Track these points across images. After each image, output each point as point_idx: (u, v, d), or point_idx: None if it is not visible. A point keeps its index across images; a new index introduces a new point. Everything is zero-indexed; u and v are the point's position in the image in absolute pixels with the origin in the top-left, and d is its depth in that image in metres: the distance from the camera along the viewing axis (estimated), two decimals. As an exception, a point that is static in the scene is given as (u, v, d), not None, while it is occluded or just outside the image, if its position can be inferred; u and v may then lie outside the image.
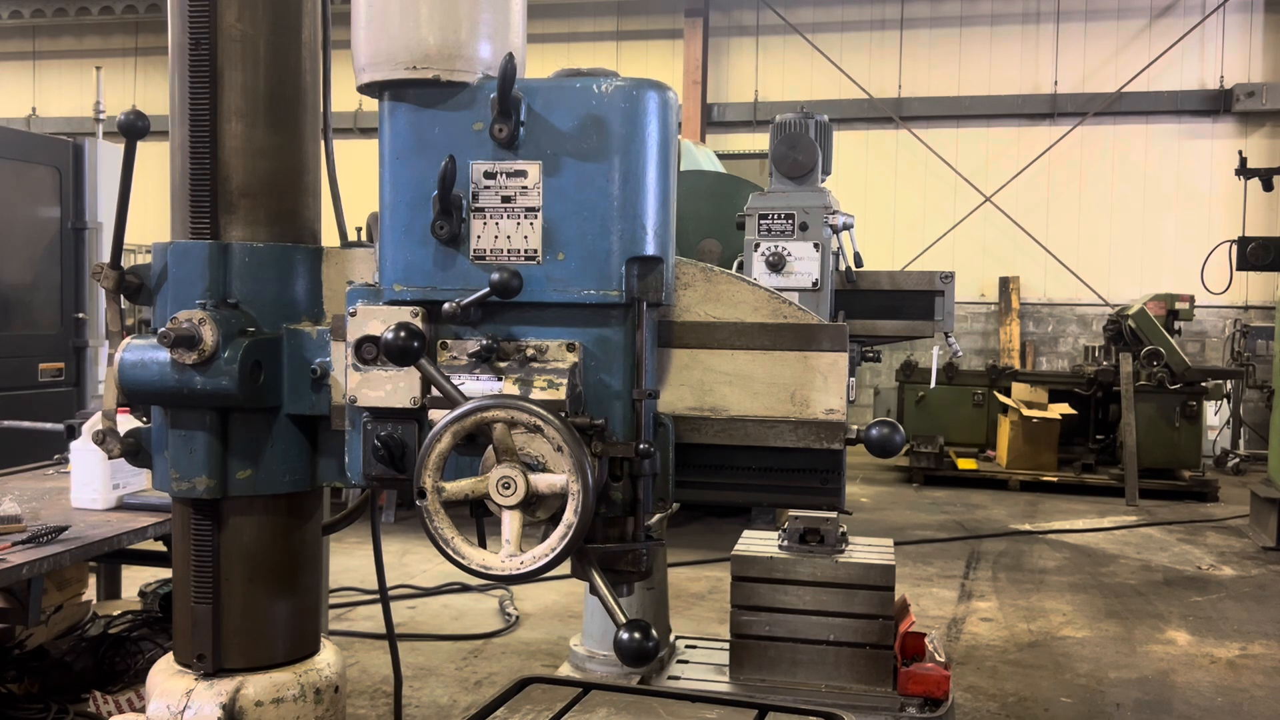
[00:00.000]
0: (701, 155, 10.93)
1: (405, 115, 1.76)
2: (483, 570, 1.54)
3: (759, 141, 14.73)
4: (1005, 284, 15.74)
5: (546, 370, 1.68)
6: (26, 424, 5.92)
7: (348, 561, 7.38)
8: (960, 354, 5.28)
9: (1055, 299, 15.71)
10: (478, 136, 1.72)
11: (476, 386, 1.66)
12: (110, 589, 5.73)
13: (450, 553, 1.55)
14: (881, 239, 15.38)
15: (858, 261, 4.95)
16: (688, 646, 5.46)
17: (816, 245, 4.77)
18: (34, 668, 4.43)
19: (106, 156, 8.16)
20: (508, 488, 1.55)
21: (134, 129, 1.93)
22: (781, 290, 4.84)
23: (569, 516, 1.51)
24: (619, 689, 2.26)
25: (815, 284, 4.79)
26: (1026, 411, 11.98)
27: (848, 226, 4.85)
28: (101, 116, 8.70)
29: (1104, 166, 15.56)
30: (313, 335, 1.93)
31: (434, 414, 1.66)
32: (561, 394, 1.65)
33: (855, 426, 1.79)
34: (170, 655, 2.06)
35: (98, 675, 4.45)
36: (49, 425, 5.27)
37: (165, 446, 1.96)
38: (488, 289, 1.64)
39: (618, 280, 1.70)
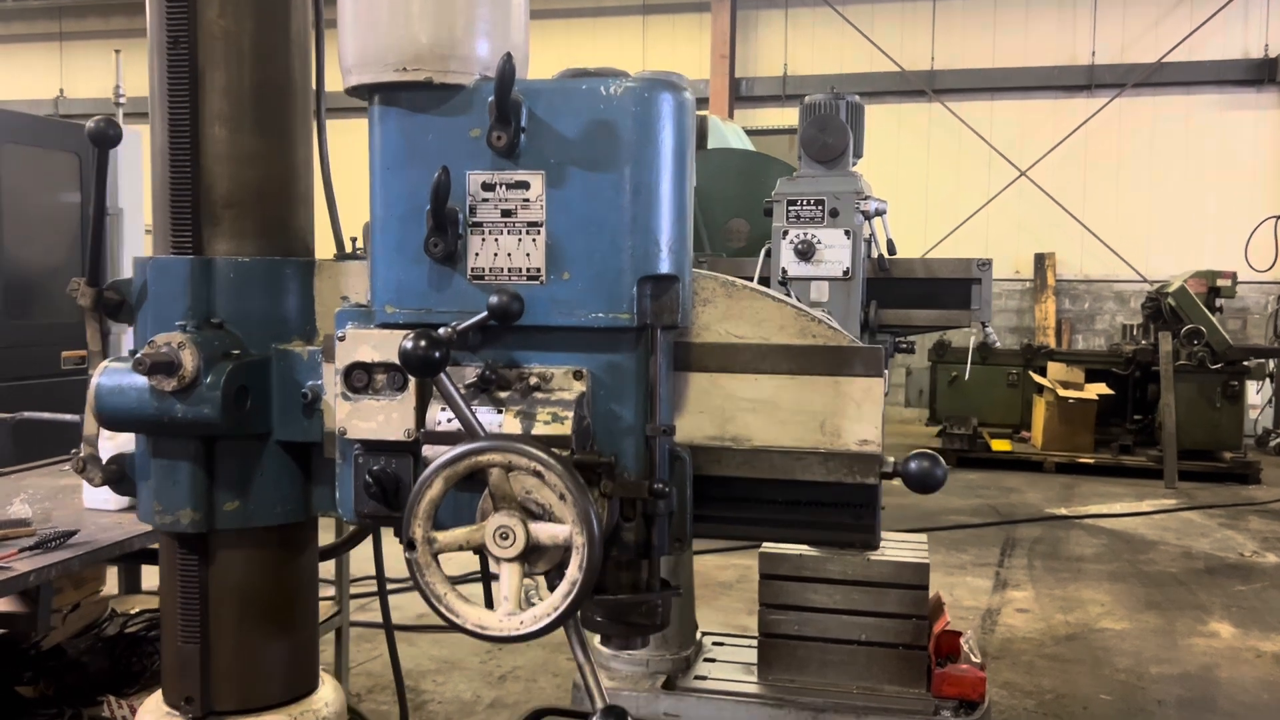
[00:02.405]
0: (729, 132, 10.69)
1: (396, 121, 1.60)
2: (479, 631, 1.40)
3: (788, 116, 14.45)
4: (1041, 260, 15.43)
5: (551, 402, 1.53)
6: (47, 415, 5.86)
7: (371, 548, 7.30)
8: (997, 343, 5.09)
9: (1092, 276, 15.39)
10: (474, 144, 1.56)
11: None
12: (130, 583, 5.67)
13: (443, 610, 1.41)
14: (914, 215, 15.10)
15: (891, 249, 4.75)
16: (715, 644, 5.33)
17: (848, 232, 4.58)
18: (51, 668, 4.36)
19: (128, 141, 8.05)
20: (505, 538, 1.41)
21: (105, 138, 1.79)
22: (811, 279, 4.70)
23: (573, 572, 1.37)
24: (634, 722, 2.12)
25: (846, 273, 4.61)
26: (1062, 391, 11.73)
27: (880, 213, 4.65)
28: (122, 100, 8.59)
29: (1143, 139, 15.18)
30: (304, 356, 1.79)
31: (428, 450, 1.52)
32: (567, 428, 1.50)
33: (892, 460, 1.63)
34: (160, 694, 1.94)
35: (114, 677, 4.38)
36: (69, 416, 5.21)
37: (149, 475, 1.83)
38: (485, 313, 1.49)
39: (629, 302, 1.55)
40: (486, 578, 1.69)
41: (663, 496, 1.53)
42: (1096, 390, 11.88)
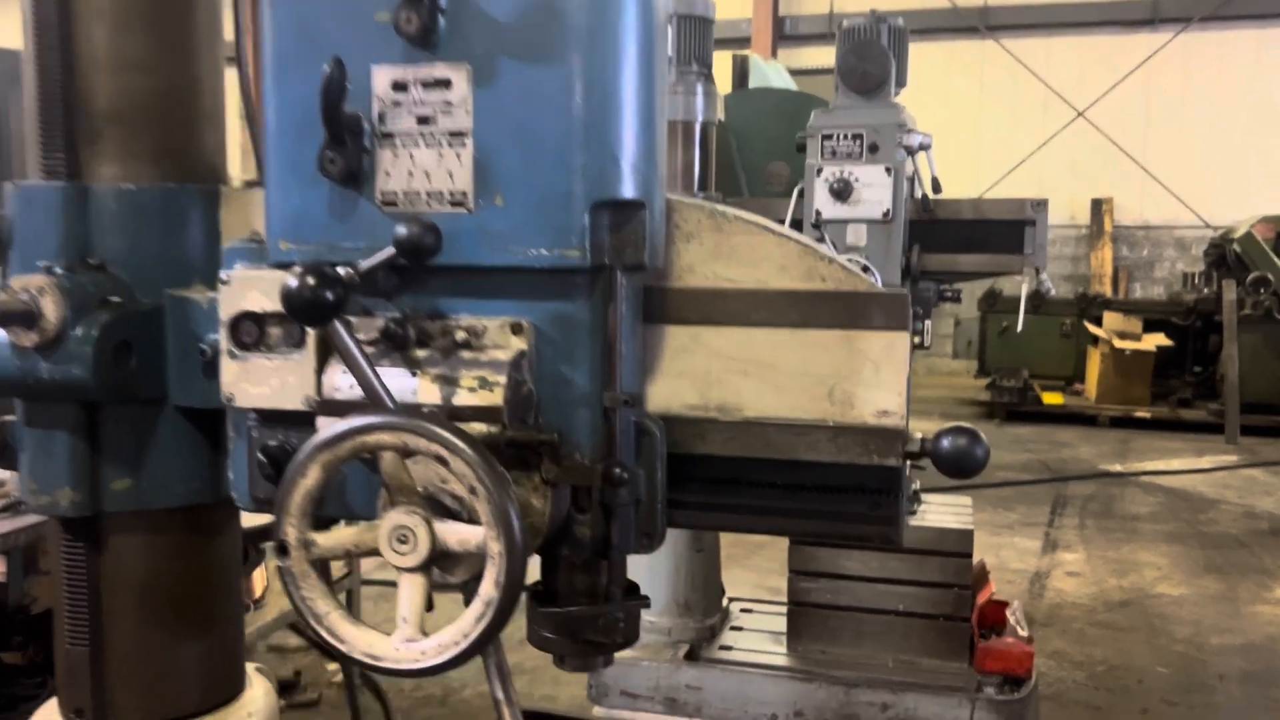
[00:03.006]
0: (771, 71, 10.23)
1: (288, 2, 1.26)
2: (369, 661, 1.08)
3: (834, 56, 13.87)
4: (1097, 206, 14.82)
5: (480, 363, 1.20)
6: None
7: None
8: (1053, 292, 4.67)
9: (1151, 221, 14.76)
10: (382, 31, 1.22)
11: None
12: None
13: (323, 632, 1.10)
14: (965, 160, 14.50)
15: (936, 187, 4.34)
16: (742, 610, 5.03)
17: (889, 169, 4.19)
18: (39, 634, 4.17)
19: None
20: (404, 542, 1.09)
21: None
22: (848, 222, 4.31)
23: (487, 589, 1.04)
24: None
25: (887, 214, 4.22)
26: (1119, 342, 11.25)
27: (925, 147, 4.24)
28: None
29: (1209, 77, 14.45)
30: (203, 304, 1.47)
31: (322, 424, 1.20)
32: (498, 397, 1.17)
33: (919, 436, 1.29)
34: (54, 702, 1.66)
35: (106, 641, 4.17)
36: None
37: (25, 447, 1.53)
38: (391, 249, 1.16)
39: (580, 234, 1.20)
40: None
41: (621, 484, 1.20)
42: (1154, 341, 11.40)
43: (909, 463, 1.31)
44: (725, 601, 4.97)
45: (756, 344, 1.31)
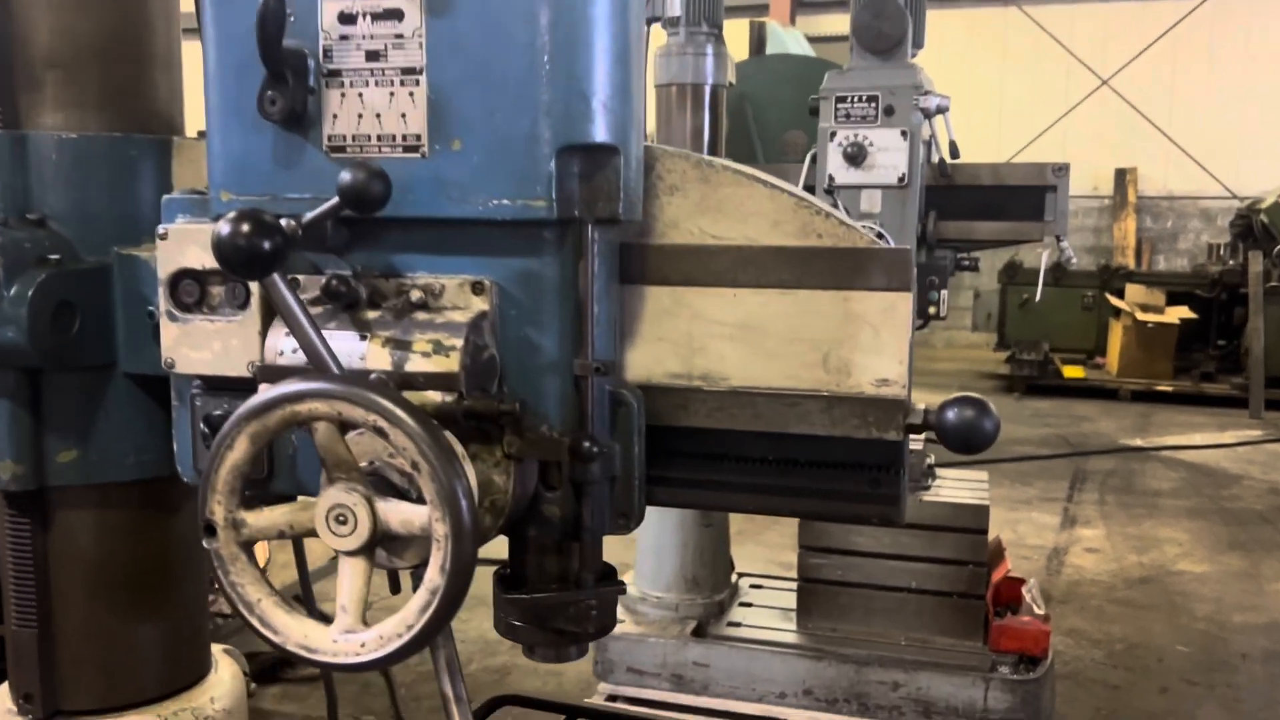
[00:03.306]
0: (789, 38, 10.05)
1: (226, -71, 1.15)
2: (304, 653, 0.98)
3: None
4: (1121, 176, 14.55)
5: (435, 325, 1.08)
6: None
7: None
8: (1074, 261, 4.52)
9: (1176, 192, 14.48)
10: (327, -43, 1.10)
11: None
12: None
13: (255, 622, 1.00)
14: (986, 129, 14.26)
15: (953, 151, 4.19)
16: (752, 586, 4.93)
17: (904, 133, 4.04)
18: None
19: None
20: (343, 522, 0.98)
21: None
22: (862, 187, 4.17)
23: (433, 576, 0.94)
24: (606, 715, 1.71)
25: (902, 179, 4.07)
26: (1141, 315, 11.05)
27: (942, 110, 4.08)
28: None
29: (1237, 44, 14.12)
30: (153, 263, 1.37)
31: (262, 391, 1.09)
32: (454, 363, 1.06)
33: (922, 408, 1.17)
34: (5, 686, 1.57)
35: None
36: None
37: (-31, 417, 1.43)
38: (336, 198, 1.04)
39: (546, 183, 1.09)
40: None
41: (592, 458, 1.09)
42: (1178, 314, 11.19)
43: (912, 437, 1.19)
44: (734, 577, 4.88)
45: (745, 306, 1.20)
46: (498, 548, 1.37)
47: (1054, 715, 4.36)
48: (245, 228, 1.00)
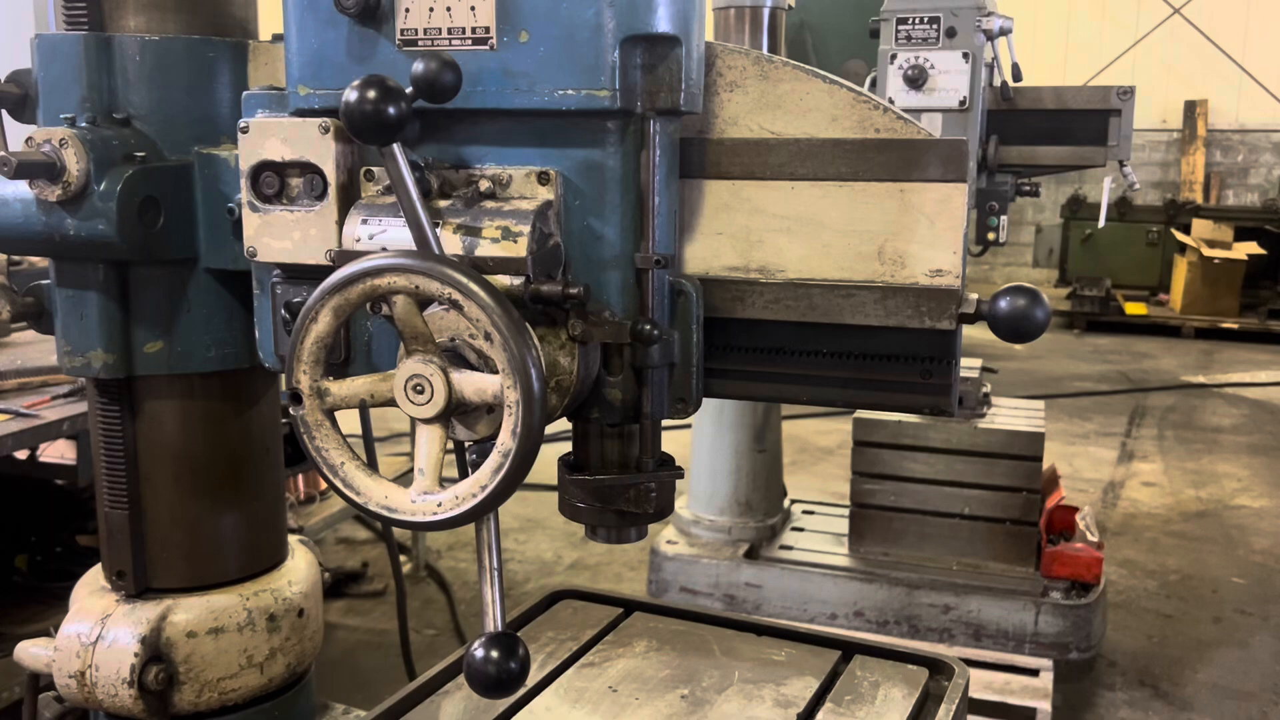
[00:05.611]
0: (849, -36, 9.86)
1: None
2: (384, 513, 1.05)
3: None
4: (1191, 108, 14.12)
5: (503, 213, 1.13)
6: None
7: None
8: (1137, 186, 4.44)
9: (1248, 125, 14.04)
10: None
11: (397, 235, 1.13)
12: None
13: (339, 484, 1.06)
14: (1052, 57, 13.90)
15: (1016, 74, 4.12)
16: (804, 512, 4.99)
17: (966, 55, 3.97)
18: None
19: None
20: (420, 392, 1.04)
21: None
22: (922, 111, 4.13)
23: (504, 440, 0.99)
24: (664, 611, 1.78)
25: (963, 102, 4.01)
26: (1207, 251, 10.81)
27: (1005, 32, 4.01)
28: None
29: (1318, -31, 13.55)
30: (231, 163, 1.43)
31: (347, 266, 1.14)
32: (521, 248, 1.10)
33: (975, 296, 1.20)
34: (100, 566, 1.67)
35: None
36: None
37: (58, 309, 1.51)
38: (410, 88, 1.09)
39: (610, 73, 1.12)
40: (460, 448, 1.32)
41: (652, 342, 1.14)
42: (1246, 250, 10.92)
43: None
44: (787, 503, 4.94)
45: (802, 199, 1.23)
46: (546, 469, 1.41)
47: (1105, 642, 4.39)
48: (372, 94, 1.04)
